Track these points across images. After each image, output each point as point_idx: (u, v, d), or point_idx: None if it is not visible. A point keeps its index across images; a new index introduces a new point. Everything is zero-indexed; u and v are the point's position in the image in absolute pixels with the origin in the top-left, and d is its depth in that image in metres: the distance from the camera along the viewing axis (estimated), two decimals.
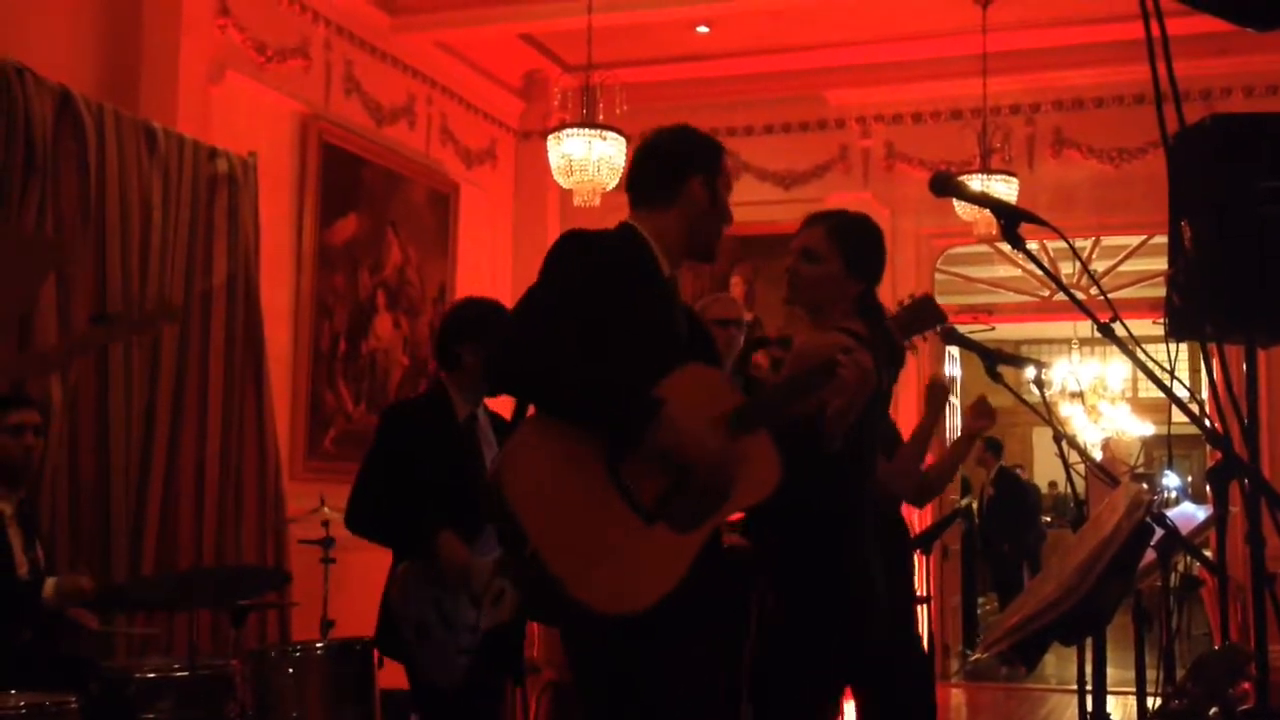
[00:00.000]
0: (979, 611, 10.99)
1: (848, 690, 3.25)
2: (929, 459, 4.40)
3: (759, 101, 8.46)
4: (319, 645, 4.34)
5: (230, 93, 6.18)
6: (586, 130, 6.58)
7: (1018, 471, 13.31)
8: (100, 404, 4.92)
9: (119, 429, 4.98)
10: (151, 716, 3.79)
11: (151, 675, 3.89)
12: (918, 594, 4.75)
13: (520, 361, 2.60)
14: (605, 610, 2.49)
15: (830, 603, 2.90)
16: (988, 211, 2.89)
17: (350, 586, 5.45)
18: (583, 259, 2.69)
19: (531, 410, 2.66)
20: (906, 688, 3.79)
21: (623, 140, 6.66)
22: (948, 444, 8.64)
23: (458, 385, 3.99)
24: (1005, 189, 7.05)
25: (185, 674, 3.92)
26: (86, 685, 3.69)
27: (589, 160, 6.60)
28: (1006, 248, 8.84)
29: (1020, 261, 9.26)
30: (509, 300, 4.09)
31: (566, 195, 7.17)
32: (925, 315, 2.97)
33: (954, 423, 8.89)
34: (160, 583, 4.61)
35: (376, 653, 4.06)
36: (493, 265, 8.41)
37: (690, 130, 2.92)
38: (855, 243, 3.10)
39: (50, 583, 3.98)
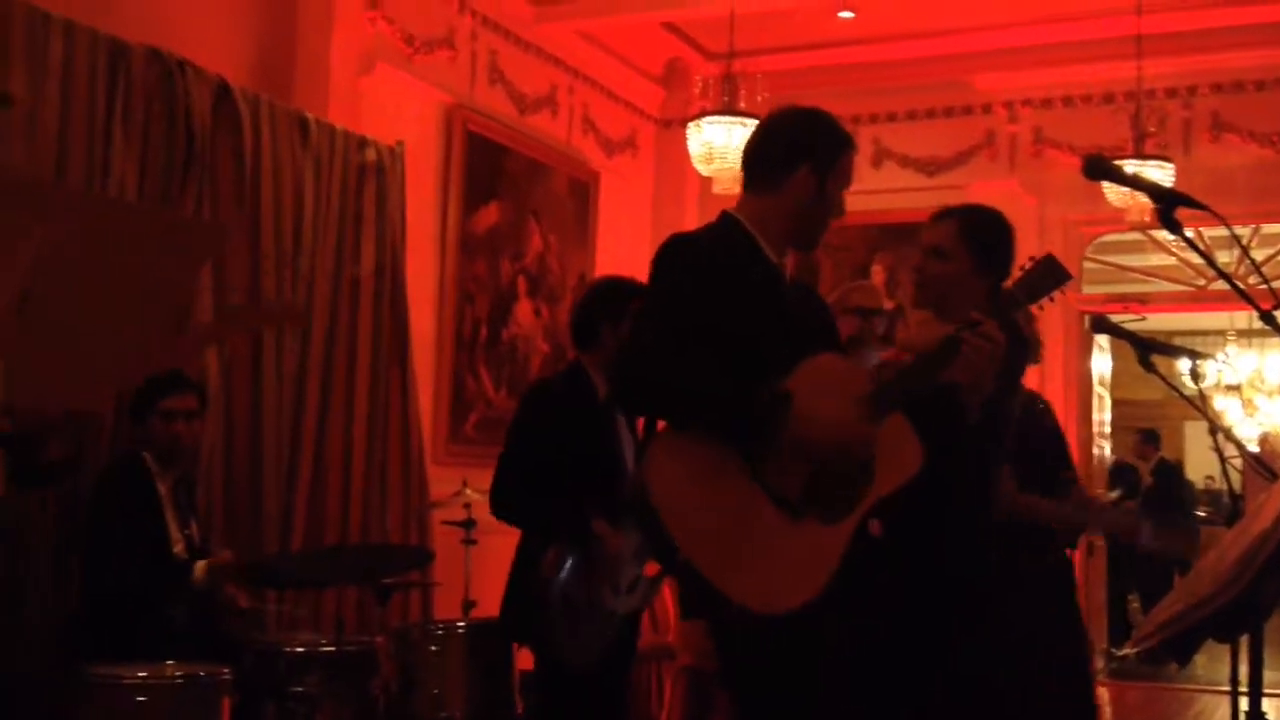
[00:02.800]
0: (1127, 610, 10.68)
1: None
2: None
3: (902, 87, 8.32)
4: (460, 624, 4.43)
5: (379, 83, 6.31)
6: (727, 118, 6.56)
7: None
8: (254, 387, 5.07)
9: (271, 412, 5.13)
10: (300, 689, 3.90)
11: (300, 650, 4.01)
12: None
13: (639, 381, 2.59)
14: (763, 610, 2.47)
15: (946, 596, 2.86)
16: (1142, 197, 2.80)
17: (491, 568, 5.52)
18: (684, 265, 2.66)
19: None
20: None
21: None
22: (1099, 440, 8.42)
23: (596, 365, 3.99)
24: (1160, 174, 6.81)
25: (332, 649, 4.03)
26: (239, 659, 3.82)
27: (729, 148, 6.57)
28: (1160, 234, 8.58)
29: (1176, 249, 8.95)
30: None
31: (706, 183, 7.16)
32: (1049, 276, 2.80)
33: (1101, 416, 8.65)
34: (308, 559, 4.74)
35: None
36: (632, 253, 8.42)
37: (816, 116, 2.83)
38: (986, 240, 3.02)
39: (200, 565, 4.11)
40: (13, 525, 3.88)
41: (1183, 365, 4.23)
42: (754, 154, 2.84)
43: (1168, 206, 2.19)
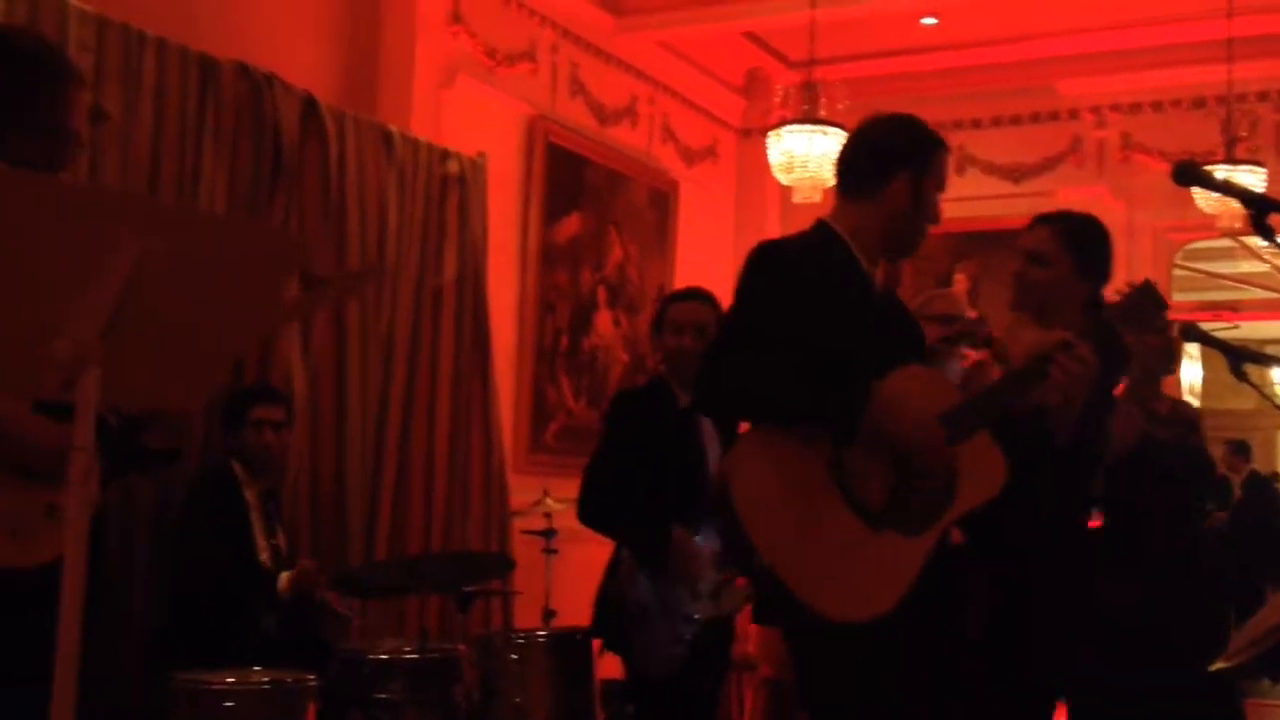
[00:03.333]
0: None
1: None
2: None
3: (987, 93, 8.23)
4: (541, 633, 4.44)
5: (461, 96, 6.38)
6: (807, 126, 6.53)
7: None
8: (338, 398, 5.14)
9: (355, 422, 5.19)
10: (384, 696, 3.92)
11: (384, 657, 4.04)
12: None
13: (723, 383, 2.59)
14: (841, 619, 2.46)
15: (1043, 609, 2.82)
16: (1233, 202, 2.75)
17: (571, 577, 5.55)
18: (774, 271, 2.66)
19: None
20: None
21: (844, 136, 6.57)
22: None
23: (677, 376, 4.03)
24: (1252, 179, 6.66)
25: (415, 656, 4.06)
26: (325, 666, 3.86)
27: (809, 156, 6.54)
28: (1252, 241, 8.39)
29: (1268, 255, 8.75)
30: (729, 298, 4.10)
31: (786, 192, 7.13)
32: (1146, 304, 2.81)
33: None
34: (391, 567, 4.79)
35: (596, 643, 4.13)
36: (712, 263, 8.42)
37: (908, 123, 2.83)
38: (1085, 245, 2.98)
39: (284, 576, 4.18)
40: (110, 531, 3.97)
41: (1277, 374, 4.12)
42: (849, 162, 2.83)
43: (1260, 212, 2.14)
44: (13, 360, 1.85)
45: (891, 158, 2.76)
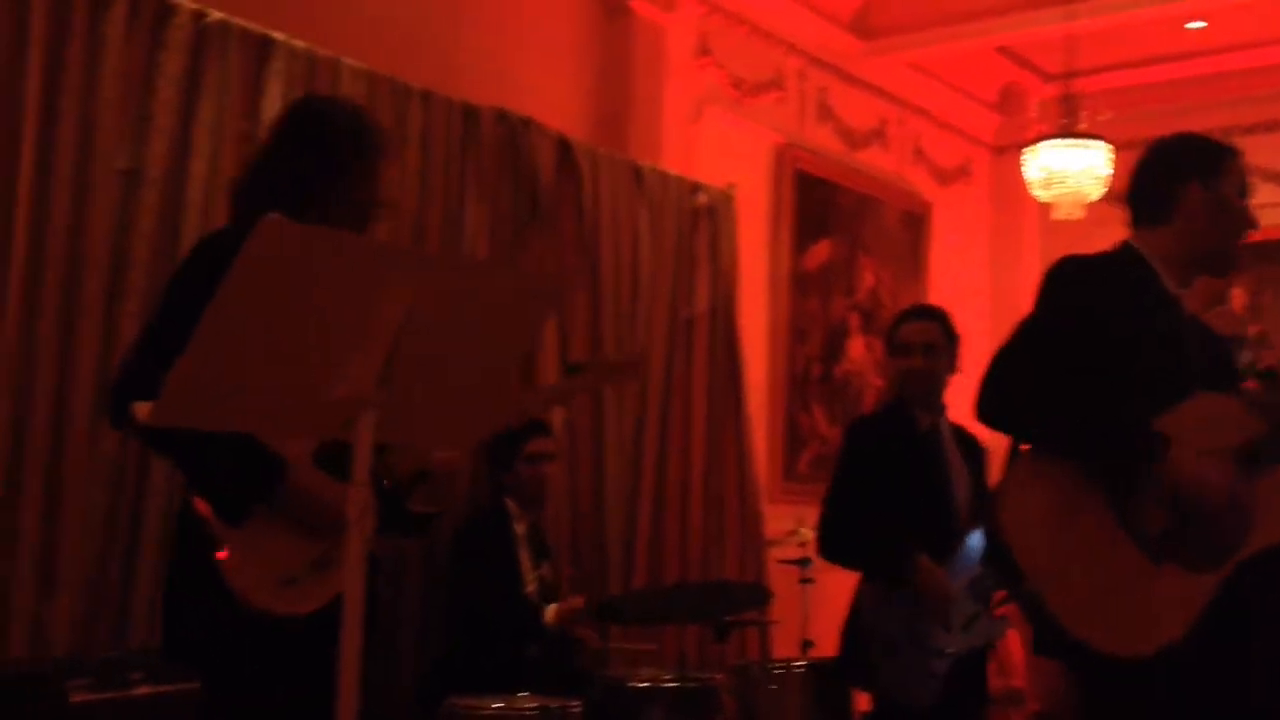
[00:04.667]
0: None
1: None
2: None
3: (1263, 96, 7.75)
4: (799, 664, 4.42)
5: (709, 128, 6.45)
6: (1066, 140, 6.33)
7: None
8: (595, 428, 5.25)
9: (612, 452, 5.29)
10: None
11: (644, 685, 4.10)
12: None
13: (1007, 396, 2.51)
14: (1108, 651, 2.37)
15: None
16: None
17: (828, 607, 5.48)
18: (1078, 285, 2.58)
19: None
20: None
21: (1107, 148, 6.33)
22: None
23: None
24: None
25: (675, 684, 4.11)
26: (588, 693, 3.96)
27: (1068, 172, 6.33)
28: None
29: None
30: (987, 319, 4.00)
31: (1045, 210, 6.92)
32: None
33: None
34: (650, 596, 4.86)
35: None
36: (968, 284, 8.23)
37: (1186, 137, 2.75)
38: None
39: (551, 609, 4.31)
40: (391, 569, 4.17)
41: None
42: (1135, 190, 2.75)
43: None
44: (299, 402, 1.98)
45: (1177, 171, 2.68)
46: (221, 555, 2.36)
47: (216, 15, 4.02)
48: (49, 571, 3.55)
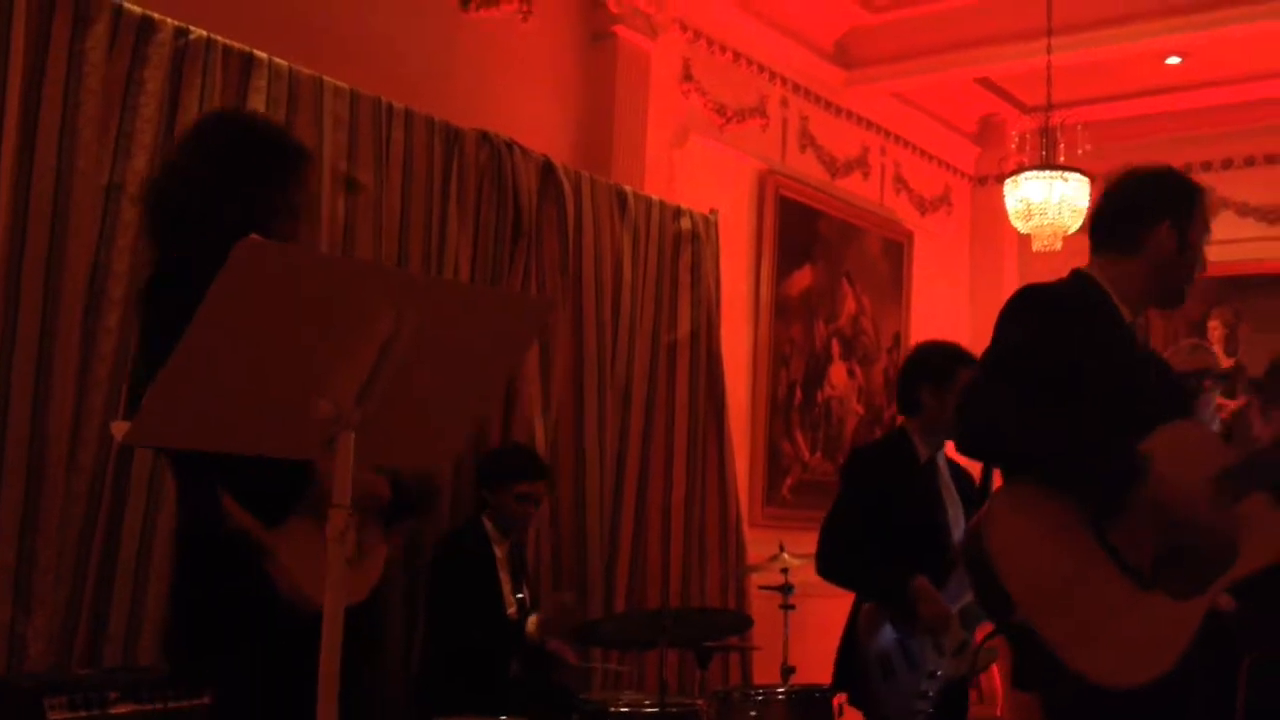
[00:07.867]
0: None
1: None
2: None
3: (1238, 132, 7.84)
4: (780, 690, 4.39)
5: (692, 154, 6.47)
6: (1046, 172, 6.36)
7: None
8: (577, 454, 5.24)
9: (594, 475, 5.27)
10: None
11: (625, 709, 4.07)
12: None
13: (991, 424, 2.51)
14: (1105, 683, 2.35)
15: None
16: None
17: (809, 634, 5.48)
18: (1037, 313, 2.60)
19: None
20: None
21: (1085, 181, 6.37)
22: None
23: (918, 429, 4.01)
24: None
25: (655, 710, 4.08)
26: (569, 714, 3.93)
27: (1048, 203, 6.37)
28: None
29: None
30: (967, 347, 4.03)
31: (1025, 241, 6.95)
32: None
33: None
34: (631, 620, 4.84)
35: (836, 701, 4.07)
36: (948, 312, 8.27)
37: (1164, 173, 2.76)
38: None
39: (532, 620, 4.29)
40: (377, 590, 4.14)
41: None
42: (1104, 217, 2.77)
43: None
44: (278, 422, 1.96)
45: (1152, 208, 2.70)
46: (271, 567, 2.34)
47: (199, 33, 4.01)
48: (26, 588, 3.51)
